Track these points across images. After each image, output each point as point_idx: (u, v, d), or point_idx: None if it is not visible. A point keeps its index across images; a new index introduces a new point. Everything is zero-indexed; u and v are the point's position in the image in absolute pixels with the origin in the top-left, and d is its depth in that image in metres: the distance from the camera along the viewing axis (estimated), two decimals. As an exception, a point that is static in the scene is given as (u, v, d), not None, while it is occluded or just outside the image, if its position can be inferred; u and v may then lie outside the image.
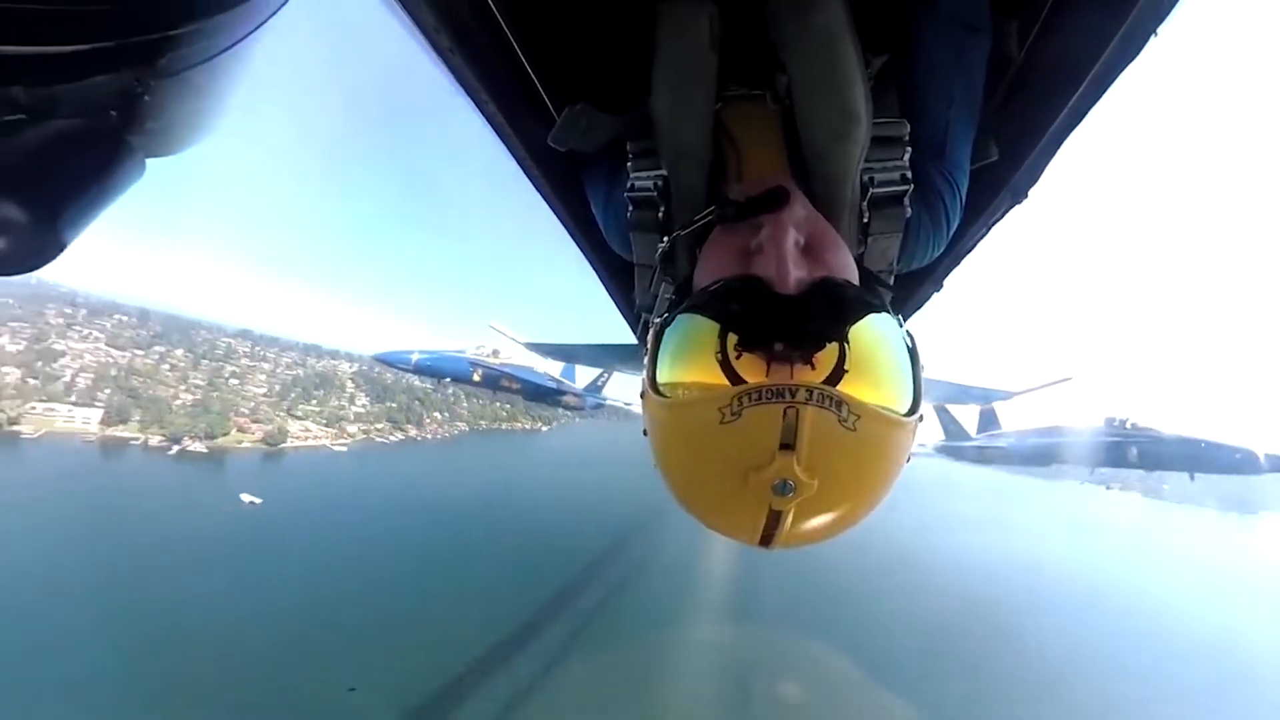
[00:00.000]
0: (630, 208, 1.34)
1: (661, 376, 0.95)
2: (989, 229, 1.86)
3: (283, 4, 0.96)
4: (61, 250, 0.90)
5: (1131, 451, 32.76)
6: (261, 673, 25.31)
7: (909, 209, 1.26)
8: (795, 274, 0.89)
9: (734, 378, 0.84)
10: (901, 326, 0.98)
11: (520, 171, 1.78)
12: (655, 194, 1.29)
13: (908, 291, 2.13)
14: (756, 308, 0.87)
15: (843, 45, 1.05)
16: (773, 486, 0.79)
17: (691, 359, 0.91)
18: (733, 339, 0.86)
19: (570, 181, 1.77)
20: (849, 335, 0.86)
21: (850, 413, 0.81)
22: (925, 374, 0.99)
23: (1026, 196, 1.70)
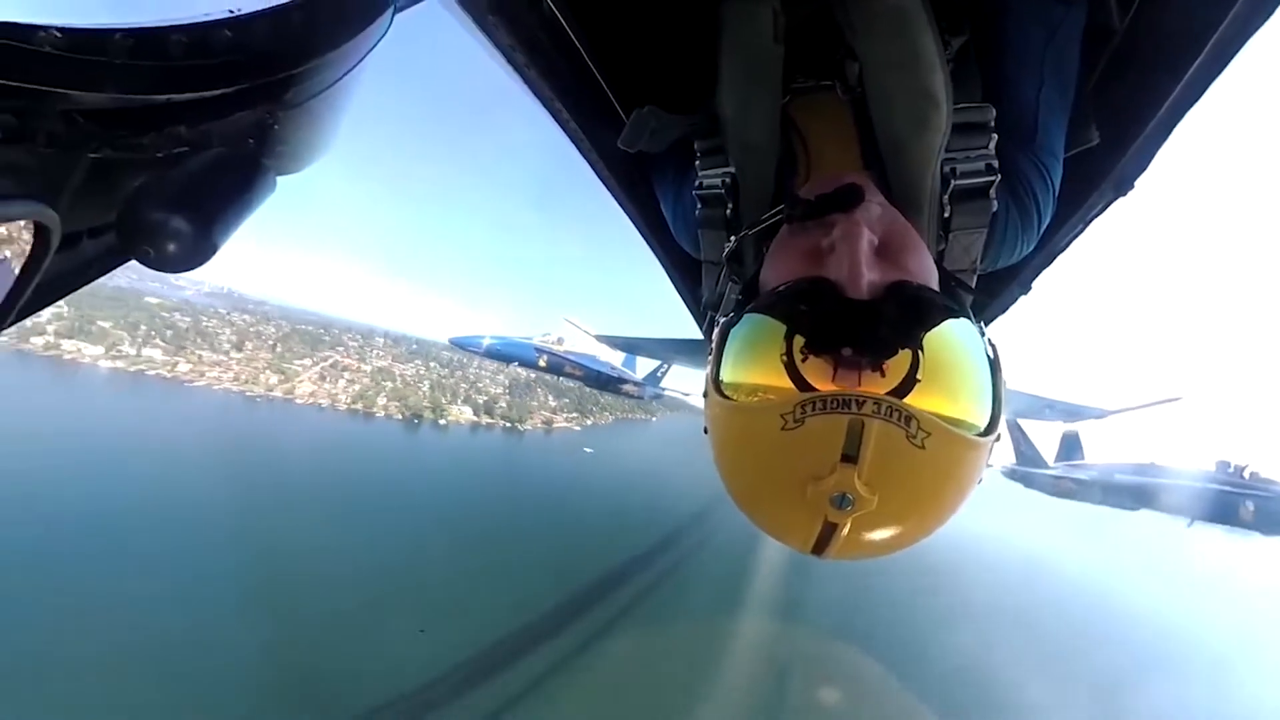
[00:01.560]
0: (698, 205, 1.34)
1: (725, 376, 0.92)
2: (1086, 224, 1.64)
3: (380, 39, 1.09)
4: (215, 253, 1.09)
5: (1246, 508, 27.25)
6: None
7: (995, 202, 1.16)
8: (868, 277, 0.83)
9: (799, 381, 0.81)
10: (983, 334, 0.91)
11: (594, 174, 1.86)
12: (723, 191, 1.27)
13: (991, 293, 1.97)
14: (825, 310, 0.83)
15: (918, 26, 0.99)
16: (831, 499, 0.76)
17: (756, 360, 0.89)
18: (799, 342, 0.82)
19: (641, 182, 1.82)
20: (923, 342, 0.81)
21: (920, 429, 0.77)
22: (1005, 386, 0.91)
23: (1132, 187, 1.49)
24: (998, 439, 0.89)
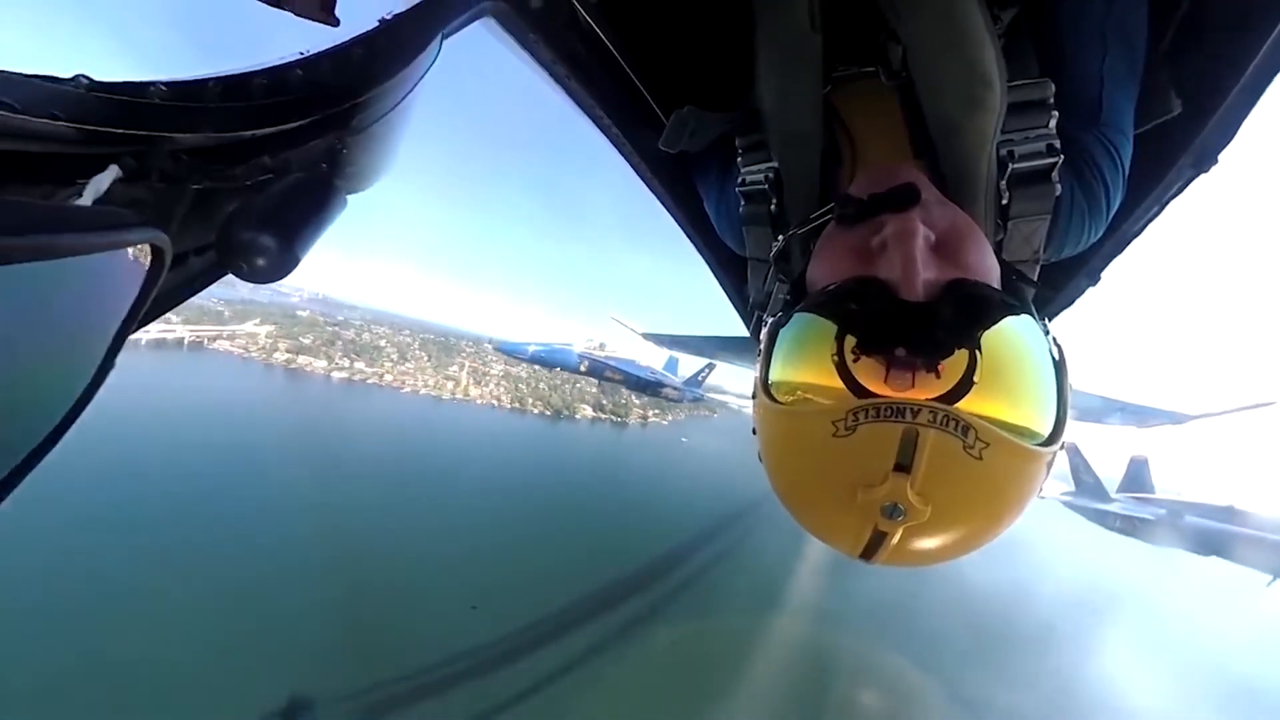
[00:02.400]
0: (742, 202, 1.32)
1: (774, 376, 0.90)
2: (1163, 206, 1.48)
3: (431, 65, 1.18)
4: (296, 265, 1.23)
5: None
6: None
7: (1058, 186, 1.08)
8: (924, 276, 0.79)
9: (850, 383, 0.78)
10: (1046, 332, 0.86)
11: (637, 177, 1.90)
12: (766, 187, 1.25)
13: (1055, 286, 1.81)
14: (877, 309, 0.79)
15: (963, 1, 0.94)
16: (882, 507, 0.74)
17: (806, 361, 0.85)
18: (850, 341, 0.79)
19: (685, 182, 1.83)
20: (981, 342, 0.76)
21: (977, 439, 0.73)
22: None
23: (1215, 162, 1.33)
24: (1061, 447, 0.84)
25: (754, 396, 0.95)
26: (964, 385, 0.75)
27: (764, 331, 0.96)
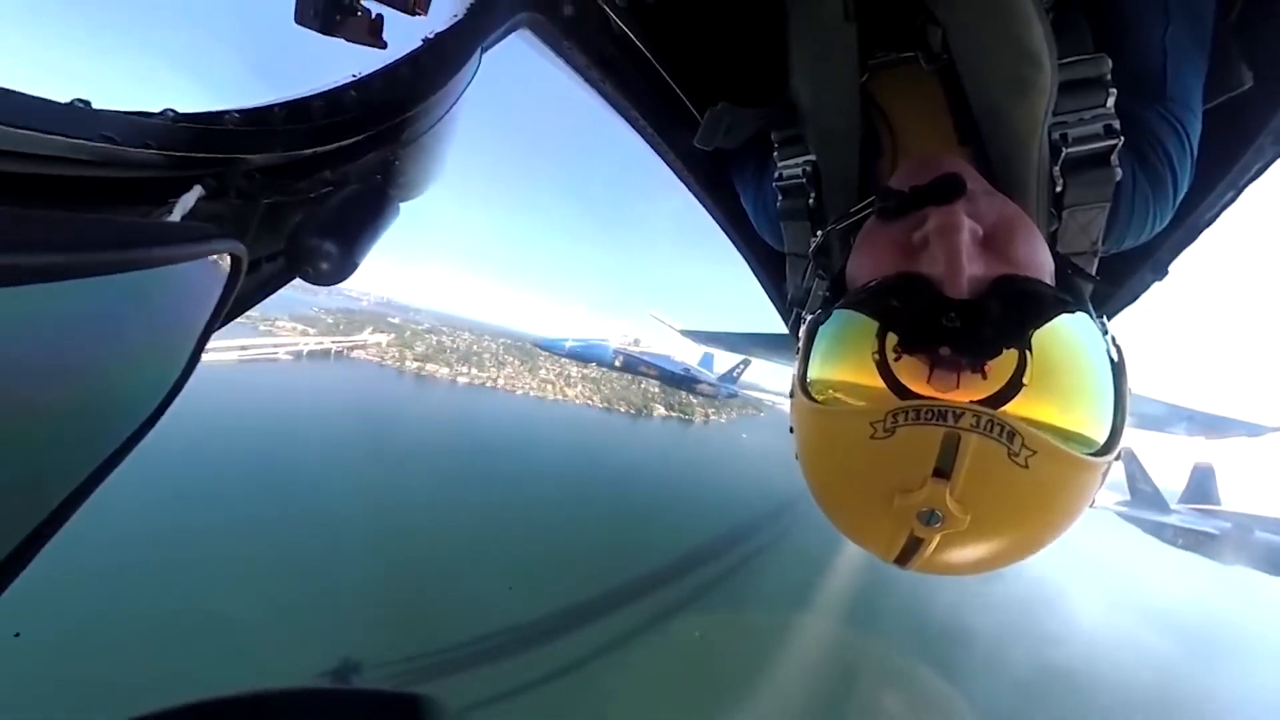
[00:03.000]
0: (779, 197, 1.29)
1: (813, 374, 0.86)
2: (1239, 190, 1.31)
3: (473, 77, 1.25)
4: (355, 269, 1.33)
5: None
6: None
7: (1118, 170, 1.00)
8: (969, 272, 0.74)
9: (891, 382, 0.74)
10: (1105, 331, 0.80)
11: (675, 177, 1.91)
12: (804, 181, 1.21)
13: (1116, 280, 1.64)
14: (920, 306, 0.75)
15: None
16: (919, 513, 0.70)
17: (845, 358, 0.82)
18: (892, 340, 0.75)
19: (722, 179, 1.82)
20: (1032, 341, 0.71)
21: (1024, 446, 0.68)
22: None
23: None
24: (1117, 458, 0.77)
25: (791, 395, 0.92)
26: (1012, 387, 0.70)
27: (803, 328, 0.93)
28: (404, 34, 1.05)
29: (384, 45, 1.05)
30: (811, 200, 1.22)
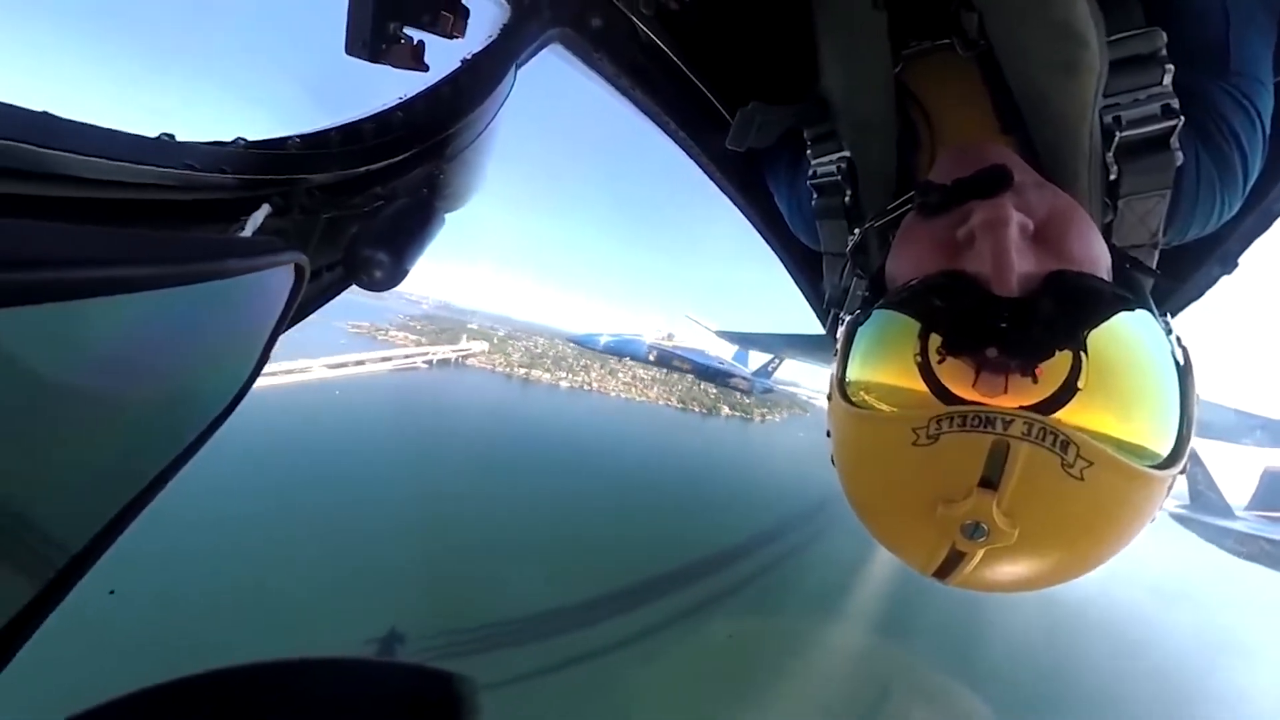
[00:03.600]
0: (814, 195, 1.26)
1: (851, 376, 0.82)
2: None
3: (509, 93, 1.32)
4: (405, 276, 1.43)
5: None
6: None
7: (1179, 153, 0.92)
8: (1019, 269, 0.69)
9: (934, 386, 0.70)
10: (1168, 330, 0.74)
11: (707, 178, 1.92)
12: (839, 178, 1.16)
13: (1180, 274, 1.47)
14: (966, 305, 0.70)
15: None
16: (962, 526, 0.65)
17: (886, 360, 0.78)
18: (935, 341, 0.71)
19: (755, 180, 1.81)
20: (1087, 342, 0.66)
21: (1079, 457, 0.63)
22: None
23: None
24: (1182, 471, 0.71)
25: (829, 397, 0.88)
26: (1066, 392, 0.64)
27: (841, 329, 0.89)
28: (444, 57, 1.12)
29: (426, 68, 1.13)
30: (847, 198, 1.18)
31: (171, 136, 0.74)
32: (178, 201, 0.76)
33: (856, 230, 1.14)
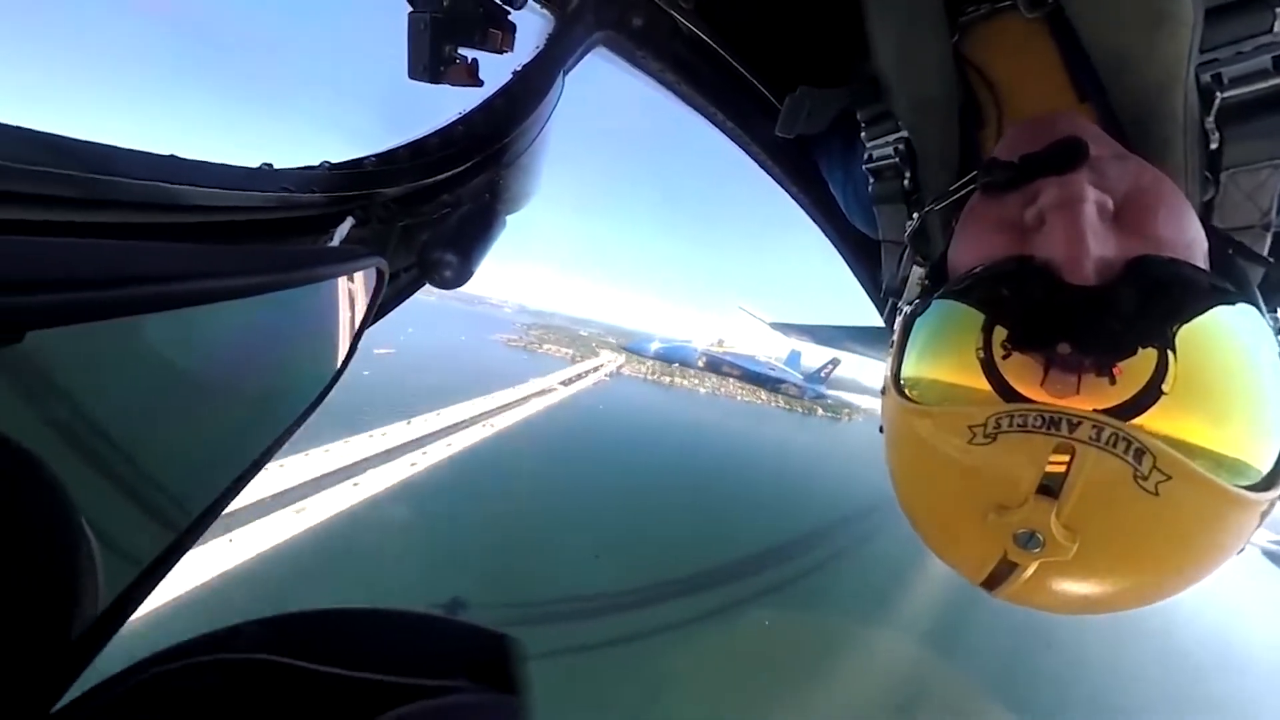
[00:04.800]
0: (870, 180, 1.17)
1: (907, 370, 0.76)
2: None
3: (558, 99, 1.38)
4: (471, 276, 1.54)
5: None
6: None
7: None
8: (1095, 254, 0.61)
9: (998, 383, 0.63)
10: (1277, 329, 0.64)
11: (760, 169, 1.88)
12: (897, 160, 1.08)
13: None
14: (1036, 296, 0.63)
15: None
16: (1016, 535, 0.59)
17: (945, 355, 0.71)
18: (1000, 334, 0.64)
19: (808, 167, 1.74)
20: (1176, 339, 0.57)
21: (1156, 469, 0.55)
22: None
23: None
24: None
25: (884, 392, 0.83)
26: (1147, 396, 0.56)
27: (898, 320, 0.83)
28: (496, 70, 1.20)
29: (481, 83, 1.20)
30: (906, 181, 1.10)
31: (270, 165, 0.86)
32: (278, 220, 0.88)
33: (916, 215, 1.06)
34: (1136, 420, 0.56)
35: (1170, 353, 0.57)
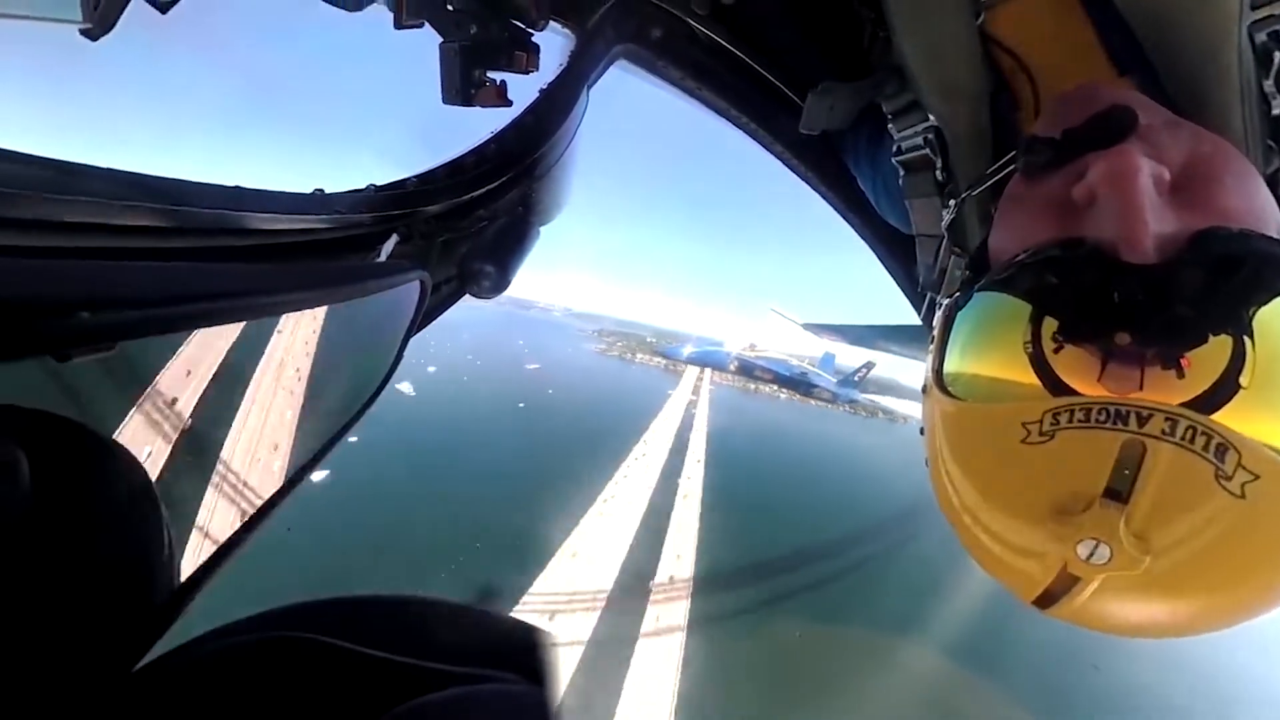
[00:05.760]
0: (900, 173, 1.12)
1: (950, 368, 0.69)
2: None
3: (584, 113, 1.42)
4: (509, 285, 1.60)
5: None
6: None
7: None
8: (1154, 229, 0.53)
9: (1049, 380, 0.56)
10: None
11: (786, 169, 1.85)
12: (927, 149, 1.03)
13: None
14: (1088, 280, 0.56)
15: None
16: (1078, 545, 0.52)
17: (990, 350, 0.65)
18: (1051, 326, 0.57)
19: (835, 164, 1.69)
20: (1253, 324, 0.50)
21: (1241, 467, 0.48)
22: None
23: None
24: None
25: (924, 391, 0.76)
26: (1223, 390, 0.50)
27: (938, 316, 0.77)
28: (524, 90, 1.25)
29: (510, 103, 1.26)
30: (939, 171, 1.04)
31: (323, 191, 0.93)
32: (331, 240, 0.95)
33: (951, 203, 1.00)
34: (1212, 417, 0.50)
35: (1248, 339, 0.50)
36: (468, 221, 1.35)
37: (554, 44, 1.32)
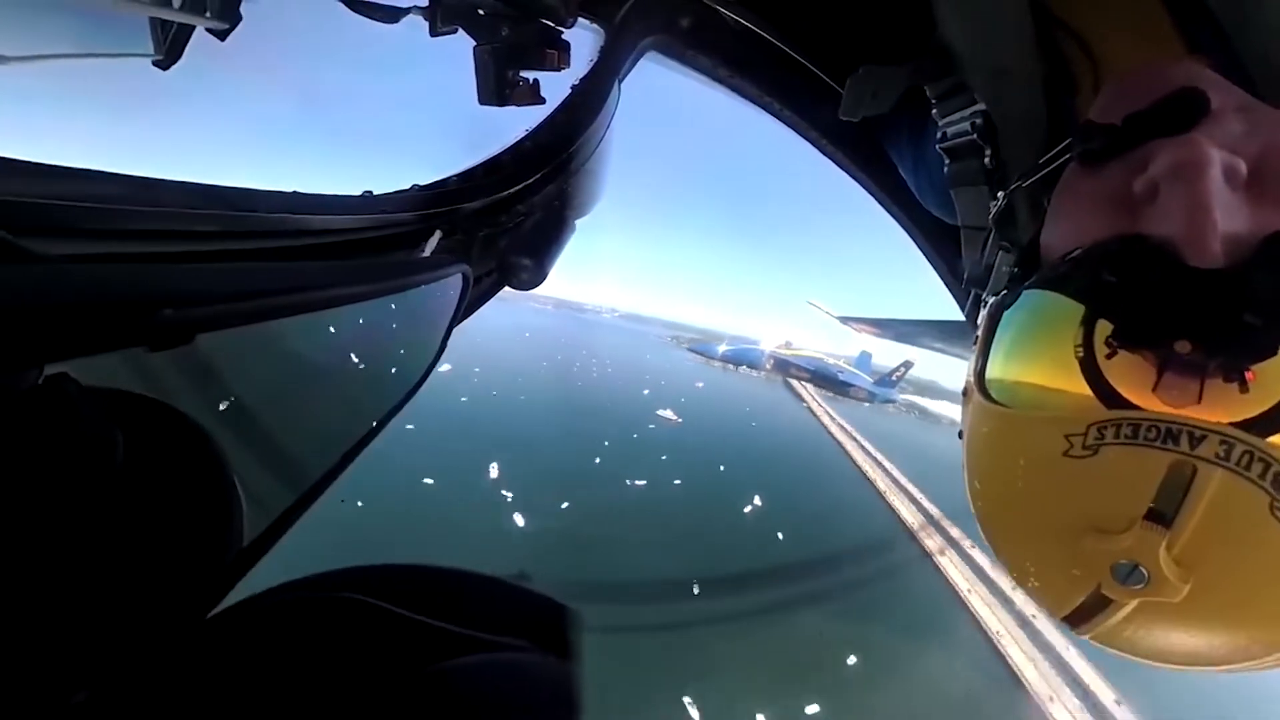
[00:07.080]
0: (945, 161, 1.05)
1: (993, 371, 0.65)
2: None
3: (616, 107, 1.42)
4: (546, 277, 1.64)
5: None
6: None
7: None
8: (1225, 228, 0.49)
9: (1100, 387, 0.52)
10: None
11: (824, 157, 1.79)
12: (975, 136, 0.95)
13: None
14: (1148, 282, 0.51)
15: None
16: (1115, 566, 0.49)
17: (1038, 353, 0.61)
18: (1104, 329, 0.53)
19: (875, 152, 1.61)
20: None
21: None
22: None
23: None
24: None
25: (965, 393, 0.73)
26: None
27: (982, 314, 0.73)
28: (556, 87, 1.27)
29: (543, 101, 1.28)
30: (987, 159, 0.97)
31: (370, 192, 0.98)
32: (378, 238, 1.01)
33: (1000, 194, 0.93)
34: (1274, 439, 0.45)
35: None
36: (506, 217, 1.38)
37: (584, 40, 1.32)
